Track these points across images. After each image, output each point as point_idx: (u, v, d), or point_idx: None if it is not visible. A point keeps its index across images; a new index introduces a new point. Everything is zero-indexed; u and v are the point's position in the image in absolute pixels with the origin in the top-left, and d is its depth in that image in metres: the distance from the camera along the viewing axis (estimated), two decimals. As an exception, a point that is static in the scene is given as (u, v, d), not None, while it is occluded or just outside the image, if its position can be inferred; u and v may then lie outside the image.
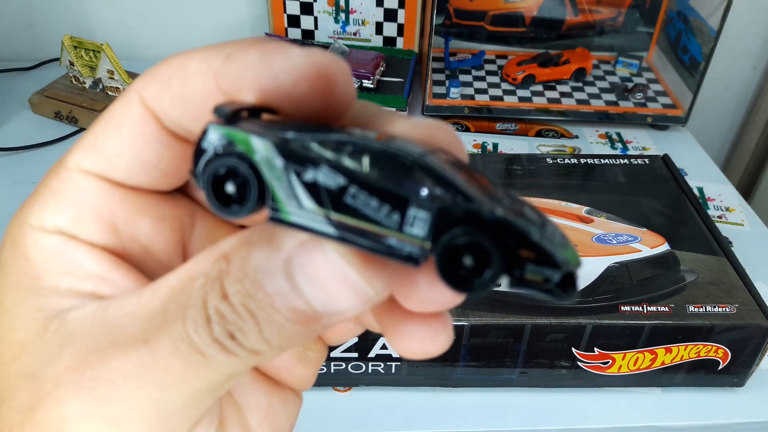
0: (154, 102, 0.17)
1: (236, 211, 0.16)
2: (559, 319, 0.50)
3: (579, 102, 0.89)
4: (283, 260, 0.15)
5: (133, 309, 0.16)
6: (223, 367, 0.16)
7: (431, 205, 0.14)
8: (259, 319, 0.15)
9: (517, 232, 0.14)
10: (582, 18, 0.96)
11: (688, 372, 0.53)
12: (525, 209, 0.16)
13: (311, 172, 0.15)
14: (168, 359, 0.15)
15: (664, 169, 0.67)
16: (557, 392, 0.54)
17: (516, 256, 0.14)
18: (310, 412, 0.52)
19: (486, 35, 0.97)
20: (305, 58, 0.16)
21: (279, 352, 0.16)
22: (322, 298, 0.15)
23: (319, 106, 0.16)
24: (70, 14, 0.97)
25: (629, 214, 0.60)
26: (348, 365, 0.52)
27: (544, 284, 0.14)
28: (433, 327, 0.18)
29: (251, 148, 0.15)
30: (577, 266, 0.15)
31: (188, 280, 0.16)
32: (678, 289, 0.53)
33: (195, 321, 0.15)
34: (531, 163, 0.68)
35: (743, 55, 1.06)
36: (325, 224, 0.15)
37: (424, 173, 0.15)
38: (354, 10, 0.93)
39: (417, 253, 0.15)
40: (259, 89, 0.16)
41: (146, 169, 0.18)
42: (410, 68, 0.91)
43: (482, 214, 0.14)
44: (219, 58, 0.17)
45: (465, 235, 0.14)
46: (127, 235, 0.18)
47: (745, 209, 0.75)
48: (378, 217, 0.15)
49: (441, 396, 0.54)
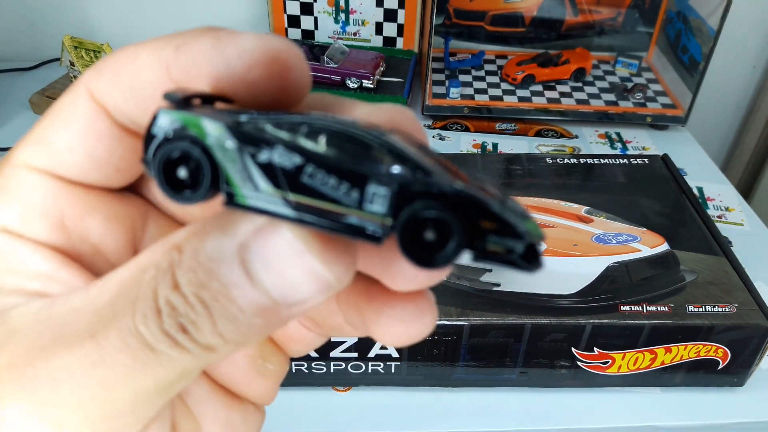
0: (104, 95, 0.17)
1: (189, 196, 0.15)
2: (558, 319, 0.50)
3: (578, 102, 0.89)
4: (238, 246, 0.14)
5: (81, 304, 0.15)
6: (174, 364, 0.15)
7: (390, 180, 0.14)
8: (212, 311, 0.14)
9: (477, 204, 0.14)
10: (582, 18, 0.96)
11: (688, 372, 0.53)
12: (486, 185, 0.16)
13: (266, 153, 0.15)
14: (115, 355, 0.14)
15: (664, 169, 0.67)
16: (557, 392, 0.54)
17: (477, 228, 0.14)
18: (310, 411, 0.52)
19: (486, 35, 0.97)
20: (258, 43, 0.16)
21: (234, 349, 0.15)
22: (280, 286, 0.15)
23: (275, 91, 0.16)
24: (71, 14, 0.97)
25: (629, 214, 0.60)
26: (347, 365, 0.52)
27: (507, 256, 0.14)
28: (418, 306, 0.17)
29: (203, 131, 0.15)
30: (540, 238, 0.15)
31: (138, 273, 0.15)
32: (678, 288, 0.53)
33: (144, 314, 0.14)
34: (530, 163, 0.68)
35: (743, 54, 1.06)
36: (282, 206, 0.15)
37: (382, 150, 0.15)
38: (354, 10, 0.93)
39: (378, 231, 0.14)
40: (212, 76, 0.16)
41: (97, 165, 0.17)
42: (410, 68, 0.91)
43: (442, 188, 0.14)
44: (170, 48, 0.16)
45: (425, 209, 0.14)
46: (77, 234, 0.18)
47: (745, 209, 0.75)
48: (337, 196, 0.14)
49: (441, 396, 0.54)
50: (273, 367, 0.22)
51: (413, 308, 0.17)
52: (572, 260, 0.55)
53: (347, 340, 0.50)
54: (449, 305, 0.50)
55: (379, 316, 0.18)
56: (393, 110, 0.17)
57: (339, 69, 0.86)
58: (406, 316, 0.17)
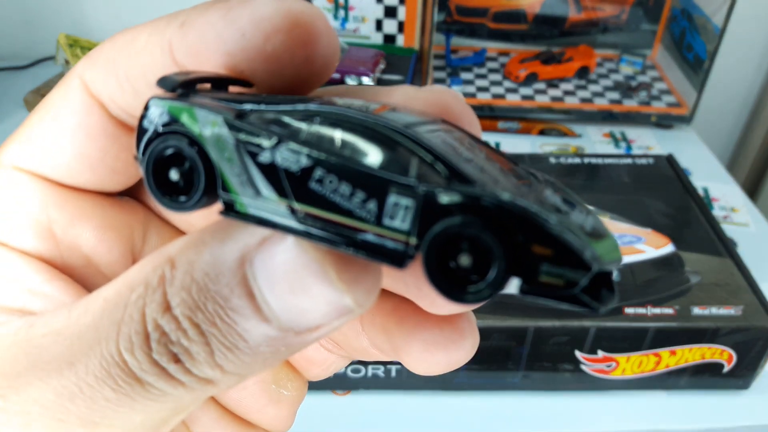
0: (99, 86, 0.15)
1: (182, 202, 0.13)
2: (562, 322, 0.49)
3: (582, 100, 0.88)
4: (239, 261, 0.12)
5: (61, 326, 0.13)
6: (165, 398, 0.13)
7: (416, 189, 0.11)
8: (209, 338, 0.12)
9: (528, 219, 0.11)
10: (585, 15, 0.95)
11: (693, 375, 0.53)
12: (546, 192, 0.12)
13: (268, 152, 0.12)
14: (97, 387, 0.12)
15: (669, 169, 0.67)
16: (561, 396, 0.54)
17: (528, 251, 0.11)
18: (308, 416, 0.51)
19: (488, 32, 0.96)
20: (276, 6, 0.13)
21: (236, 382, 0.13)
22: (289, 309, 0.12)
23: (299, 65, 0.14)
24: (66, 12, 0.97)
25: (633, 215, 0.60)
26: (347, 368, 0.52)
27: (566, 289, 0.11)
28: (456, 329, 0.15)
29: (195, 124, 0.12)
30: (615, 263, 0.12)
31: (125, 291, 0.13)
32: (682, 290, 0.52)
33: (130, 339, 0.12)
34: (534, 163, 0.67)
35: (748, 52, 1.05)
36: (287, 216, 0.12)
37: (408, 149, 0.12)
38: (353, 6, 0.92)
39: (400, 252, 0.12)
40: (225, 53, 0.13)
41: (89, 166, 0.15)
42: (411, 66, 0.90)
43: (481, 199, 0.11)
44: (173, 26, 0.14)
45: (459, 226, 0.11)
46: (67, 244, 0.16)
47: (751, 210, 0.74)
48: (351, 207, 0.12)
49: (442, 400, 0.53)
50: (289, 393, 0.19)
51: (451, 331, 0.15)
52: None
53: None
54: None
55: (410, 341, 0.15)
56: (439, 92, 0.14)
57: (338, 67, 0.85)
58: (442, 341, 0.15)
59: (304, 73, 0.14)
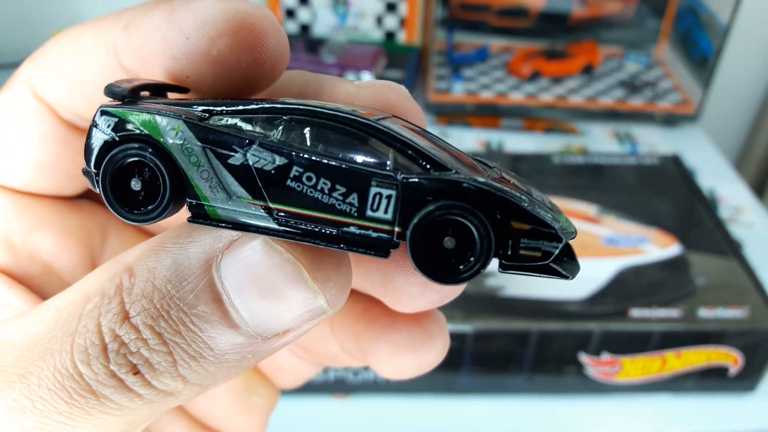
0: (47, 91, 0.15)
1: (144, 213, 0.12)
2: (567, 324, 0.48)
3: (587, 98, 0.87)
4: (204, 265, 0.12)
5: (12, 336, 0.13)
6: (122, 412, 0.12)
7: (397, 179, 0.12)
8: (172, 348, 0.12)
9: (504, 201, 0.12)
10: (590, 12, 0.94)
11: (699, 377, 0.52)
12: (504, 175, 0.13)
13: (239, 154, 0.12)
14: (49, 400, 0.12)
15: (675, 169, 0.66)
16: (565, 399, 0.53)
17: (507, 230, 0.12)
18: (307, 420, 0.50)
19: (491, 28, 0.95)
20: (221, 8, 0.13)
21: (197, 393, 0.13)
22: (259, 313, 0.12)
23: (247, 66, 0.13)
24: (59, 8, 0.96)
25: (639, 215, 0.59)
26: (347, 372, 0.51)
27: (541, 261, 0.12)
28: (426, 330, 0.15)
29: (157, 130, 0.12)
30: (573, 234, 0.13)
31: (80, 300, 0.12)
32: (688, 292, 0.51)
33: (85, 350, 0.12)
34: (538, 162, 0.66)
35: (755, 50, 1.04)
36: (263, 217, 0.12)
37: (382, 142, 0.12)
38: (352, 3, 0.91)
39: (385, 241, 0.12)
40: (170, 57, 0.13)
41: (44, 172, 0.15)
42: (412, 63, 0.89)
43: (461, 184, 0.12)
44: (117, 29, 0.14)
45: (442, 211, 0.12)
46: (25, 253, 0.15)
47: (757, 210, 0.73)
48: (331, 202, 0.12)
49: (443, 403, 0.53)
50: (259, 400, 0.19)
51: (420, 333, 0.15)
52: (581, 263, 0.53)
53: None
54: (452, 309, 0.49)
55: (378, 343, 0.15)
56: (384, 88, 0.15)
57: (337, 63, 0.84)
58: (411, 342, 0.15)
59: (253, 76, 0.14)
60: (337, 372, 0.51)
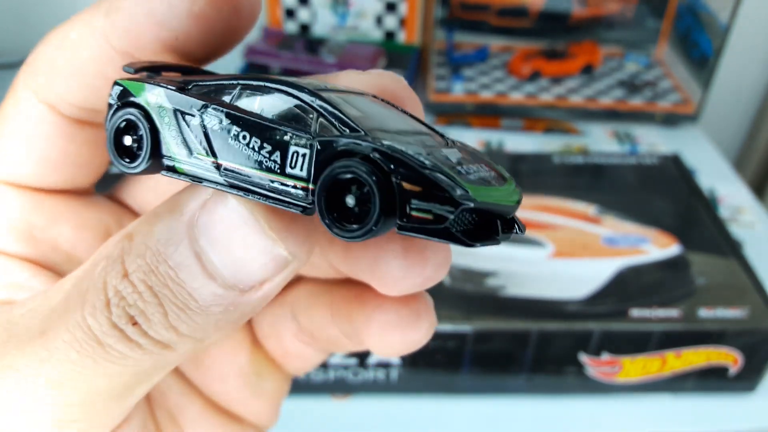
0: (46, 91, 0.16)
1: (134, 164, 0.15)
2: (566, 324, 0.48)
3: (587, 98, 0.87)
4: (186, 225, 0.14)
5: (37, 304, 0.15)
6: (125, 361, 0.14)
7: (311, 140, 0.13)
8: (162, 299, 0.13)
9: (403, 161, 0.12)
10: (590, 11, 0.94)
11: (699, 377, 0.52)
12: (450, 150, 0.14)
13: (197, 115, 0.14)
14: (63, 350, 0.14)
15: (675, 169, 0.66)
16: (565, 399, 0.53)
17: (400, 190, 0.12)
18: (307, 421, 0.50)
19: (491, 28, 0.95)
20: None
21: (193, 346, 0.14)
22: (231, 263, 0.14)
23: (227, 15, 0.15)
24: (59, 7, 0.96)
25: (639, 215, 0.59)
26: (347, 372, 0.51)
27: (436, 224, 0.12)
28: (413, 310, 0.16)
29: (144, 96, 0.15)
30: (503, 207, 0.13)
31: (91, 268, 0.15)
32: (688, 292, 0.51)
33: (93, 305, 0.14)
34: (538, 162, 0.66)
35: (755, 49, 1.04)
36: (213, 172, 0.14)
37: (313, 109, 0.13)
38: (352, 3, 0.91)
39: (302, 197, 0.13)
40: (157, 24, 0.15)
41: (55, 168, 0.17)
42: (412, 63, 0.89)
43: (361, 145, 0.12)
44: (99, 15, 0.15)
45: (341, 169, 0.12)
46: (47, 244, 0.17)
47: (757, 210, 0.73)
48: (260, 159, 0.13)
49: (443, 403, 0.53)
50: (270, 384, 0.20)
51: (407, 312, 0.16)
52: (581, 263, 0.53)
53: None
54: (452, 309, 0.49)
55: (369, 323, 0.16)
56: (383, 76, 0.16)
57: (337, 63, 0.84)
58: (398, 322, 0.16)
59: (233, 23, 0.15)
60: (337, 372, 0.51)
